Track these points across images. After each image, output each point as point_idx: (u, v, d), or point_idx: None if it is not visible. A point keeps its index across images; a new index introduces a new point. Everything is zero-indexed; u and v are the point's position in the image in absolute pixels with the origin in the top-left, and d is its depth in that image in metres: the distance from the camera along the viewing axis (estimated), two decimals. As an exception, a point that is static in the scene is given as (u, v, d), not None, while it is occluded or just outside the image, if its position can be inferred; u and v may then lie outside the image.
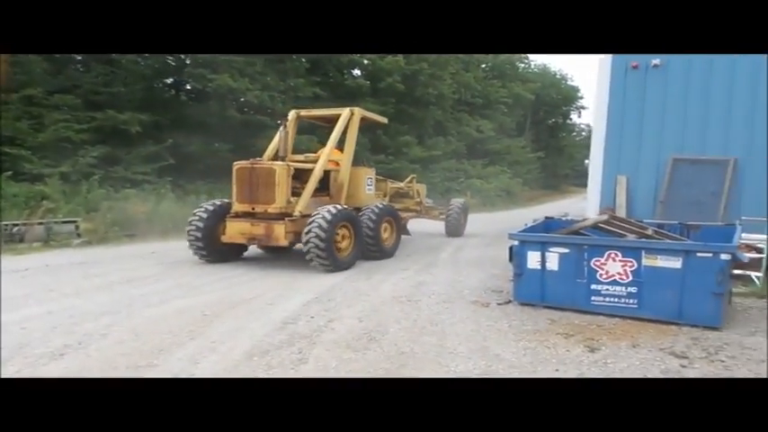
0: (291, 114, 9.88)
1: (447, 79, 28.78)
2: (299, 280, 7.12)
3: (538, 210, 24.89)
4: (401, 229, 10.15)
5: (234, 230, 8.10)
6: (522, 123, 45.17)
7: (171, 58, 18.66)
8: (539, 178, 42.77)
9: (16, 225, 10.39)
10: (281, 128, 8.77)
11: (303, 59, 22.82)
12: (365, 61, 25.61)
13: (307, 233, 7.41)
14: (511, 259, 5.78)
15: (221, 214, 8.29)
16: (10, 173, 12.88)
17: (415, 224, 12.59)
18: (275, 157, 8.71)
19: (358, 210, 8.87)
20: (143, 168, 15.89)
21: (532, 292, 5.61)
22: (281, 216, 7.82)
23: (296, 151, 9.88)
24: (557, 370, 3.84)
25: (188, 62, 18.62)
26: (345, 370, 3.79)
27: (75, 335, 4.51)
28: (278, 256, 9.35)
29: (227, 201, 8.59)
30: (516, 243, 5.68)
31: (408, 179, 12.57)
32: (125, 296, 6.00)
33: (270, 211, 7.86)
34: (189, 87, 20.94)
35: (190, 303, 5.70)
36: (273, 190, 7.77)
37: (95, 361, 3.90)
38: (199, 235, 8.12)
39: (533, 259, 5.56)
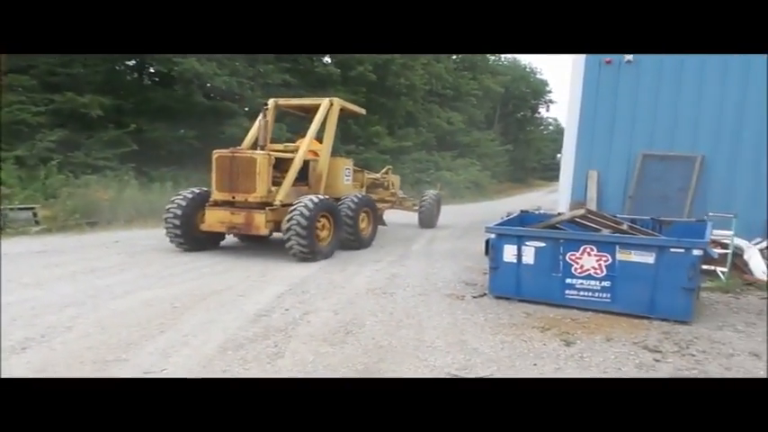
0: (270, 103, 9.73)
1: (418, 70, 28.71)
2: (271, 270, 6.98)
3: (506, 202, 25.25)
4: (378, 219, 10.27)
5: (213, 219, 8.06)
6: (492, 116, 45.59)
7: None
8: (507, 171, 43.31)
9: (-33, 211, 9.86)
10: (261, 116, 8.68)
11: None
12: (336, 49, 25.36)
13: (288, 221, 7.43)
14: (487, 252, 5.78)
15: (200, 202, 8.23)
16: (-40, 156, 12.23)
17: (388, 215, 12.55)
18: (254, 147, 8.65)
19: (337, 200, 8.89)
20: (104, 154, 15.26)
21: (508, 285, 5.63)
22: (261, 205, 7.83)
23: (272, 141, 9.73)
24: (534, 364, 3.85)
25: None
26: (323, 364, 3.70)
27: (37, 327, 4.29)
28: (251, 245, 9.17)
29: (205, 189, 8.50)
30: (493, 236, 5.68)
31: (384, 170, 12.65)
32: (89, 287, 5.76)
33: (250, 200, 7.86)
34: (153, 71, 20.27)
35: (158, 294, 5.50)
36: (254, 179, 7.78)
37: (60, 355, 3.71)
38: (177, 222, 8.03)
39: (509, 253, 5.57)
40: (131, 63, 19.69)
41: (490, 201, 28.30)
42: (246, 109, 20.67)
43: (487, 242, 5.74)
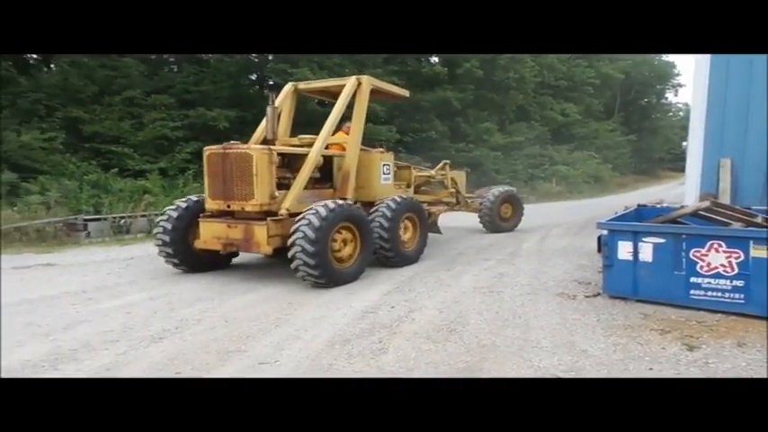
0: (287, 88, 8.24)
1: (528, 62, 27.80)
2: (376, 269, 7.17)
3: (630, 197, 23.56)
4: (428, 227, 8.38)
5: (208, 234, 6.60)
6: (611, 105, 42.84)
7: (254, 55, 19.37)
8: (630, 163, 40.44)
9: (123, 218, 11.31)
10: (269, 104, 7.05)
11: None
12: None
13: (292, 236, 5.88)
14: (599, 249, 5.48)
15: (196, 213, 6.85)
16: (116, 169, 14.03)
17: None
18: (264, 142, 6.97)
19: (371, 204, 7.39)
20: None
21: (623, 284, 5.29)
22: (263, 215, 6.26)
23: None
24: (650, 368, 3.60)
25: (270, 58, 19.23)
26: (425, 361, 3.77)
27: (172, 320, 4.82)
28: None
29: (204, 196, 6.88)
30: (605, 232, 5.38)
31: (440, 165, 10.65)
32: (217, 284, 6.34)
33: (248, 209, 6.29)
34: (272, 83, 21.68)
35: (275, 292, 5.92)
36: (251, 182, 6.17)
37: (190, 345, 4.14)
38: (167, 239, 6.70)
39: (624, 250, 5.24)
40: (253, 77, 21.24)
41: (612, 195, 26.58)
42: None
43: (599, 239, 5.45)
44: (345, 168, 7.32)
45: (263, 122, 7.36)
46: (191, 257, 6.88)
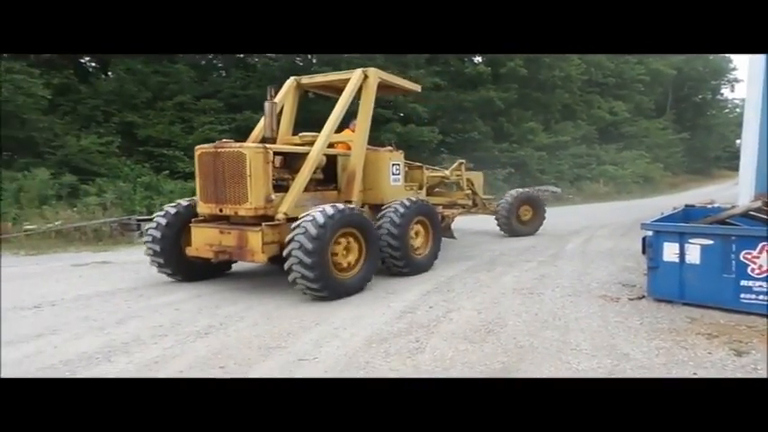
0: (289, 83, 7.75)
1: (574, 59, 27.19)
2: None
3: (682, 197, 22.70)
4: (440, 231, 7.78)
5: (200, 240, 6.15)
6: (662, 102, 41.34)
7: (299, 58, 19.74)
8: (683, 162, 38.92)
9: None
10: (267, 99, 6.45)
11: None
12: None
13: (287, 248, 5.36)
14: (644, 251, 5.35)
15: (187, 218, 6.40)
16: (167, 172, 14.60)
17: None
18: (263, 141, 6.38)
19: (379, 207, 6.94)
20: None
21: (669, 287, 5.14)
22: (258, 220, 5.79)
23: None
24: (694, 373, 3.51)
25: (314, 61, 19.56)
26: (461, 361, 3.78)
27: (217, 317, 5.01)
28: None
29: (196, 199, 6.40)
30: (650, 234, 5.24)
31: (456, 165, 10.05)
32: (259, 283, 6.53)
33: (241, 213, 5.81)
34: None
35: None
36: (245, 183, 5.70)
37: (233, 340, 4.29)
38: (157, 248, 6.28)
39: (670, 251, 5.09)
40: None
41: (663, 196, 25.64)
42: (401, 114, 21.50)
43: (644, 240, 5.32)
44: (351, 169, 6.81)
45: (262, 120, 6.73)
46: (184, 266, 6.45)
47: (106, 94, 15.57)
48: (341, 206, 5.72)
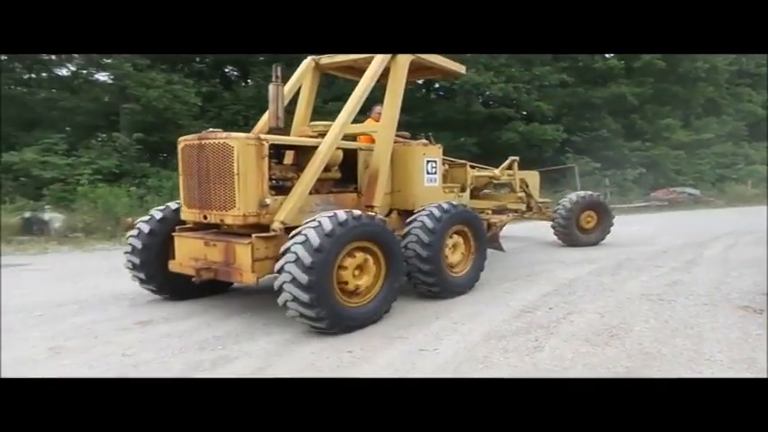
0: (306, 63, 6.46)
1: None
2: (536, 272, 7.12)
3: None
4: (486, 242, 6.33)
5: (183, 252, 5.04)
6: (833, 93, 35.97)
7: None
8: None
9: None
10: (273, 81, 5.00)
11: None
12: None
13: (280, 261, 4.13)
14: (796, 260, 4.86)
15: (173, 225, 5.26)
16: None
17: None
18: (270, 132, 5.09)
19: (409, 214, 5.66)
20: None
21: (827, 301, 4.59)
22: (248, 230, 4.62)
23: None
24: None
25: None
26: (582, 363, 3.77)
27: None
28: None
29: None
30: (804, 241, 4.75)
31: (507, 163, 8.45)
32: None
33: (228, 221, 4.64)
34: (437, 86, 22.34)
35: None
36: (231, 184, 4.52)
37: (360, 330, 4.61)
38: (136, 261, 5.15)
39: (829, 261, 4.56)
40: (420, 82, 22.13)
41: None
42: (524, 113, 21.09)
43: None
44: (374, 166, 5.58)
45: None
46: (170, 282, 5.22)
47: (246, 100, 17.10)
48: (357, 212, 4.48)
